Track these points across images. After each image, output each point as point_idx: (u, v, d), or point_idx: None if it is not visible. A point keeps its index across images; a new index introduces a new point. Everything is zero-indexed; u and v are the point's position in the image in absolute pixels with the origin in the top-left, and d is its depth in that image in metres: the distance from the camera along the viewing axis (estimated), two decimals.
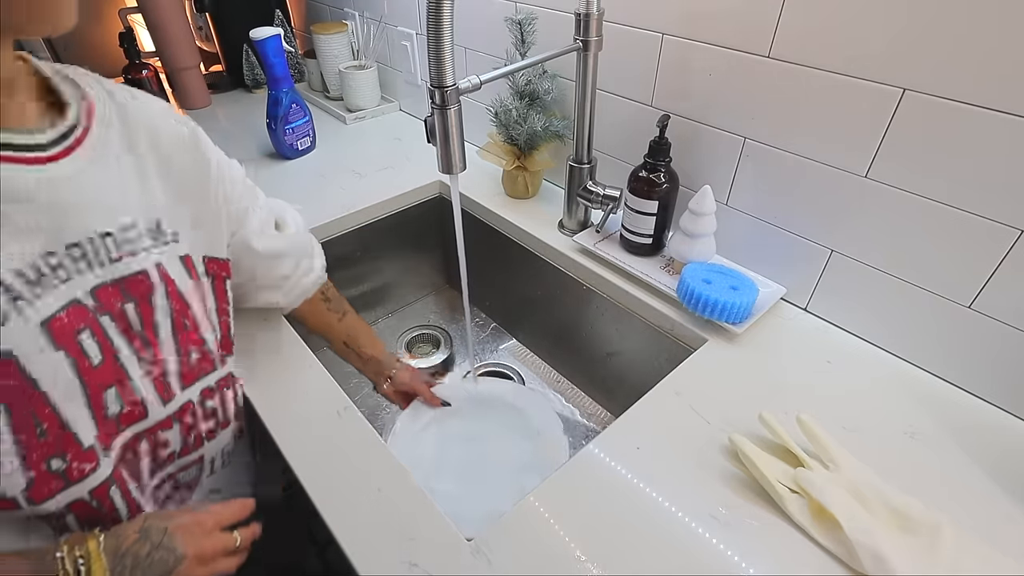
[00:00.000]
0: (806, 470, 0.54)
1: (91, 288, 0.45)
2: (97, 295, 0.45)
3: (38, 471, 0.43)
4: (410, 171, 1.11)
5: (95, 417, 0.46)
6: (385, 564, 0.49)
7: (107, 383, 0.46)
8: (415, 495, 0.55)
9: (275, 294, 0.71)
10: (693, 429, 0.61)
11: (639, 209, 0.78)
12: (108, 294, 0.46)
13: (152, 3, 1.32)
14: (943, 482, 0.56)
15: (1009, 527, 0.52)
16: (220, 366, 0.58)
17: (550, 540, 0.52)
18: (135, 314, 0.48)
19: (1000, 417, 0.62)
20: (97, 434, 0.47)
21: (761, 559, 0.50)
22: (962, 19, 0.51)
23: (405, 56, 1.27)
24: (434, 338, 1.13)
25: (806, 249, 0.72)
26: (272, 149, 1.19)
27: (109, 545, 0.45)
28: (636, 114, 0.83)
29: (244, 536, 0.54)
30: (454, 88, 0.58)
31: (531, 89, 0.91)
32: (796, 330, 0.73)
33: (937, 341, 0.65)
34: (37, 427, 0.42)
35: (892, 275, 0.65)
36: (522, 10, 0.92)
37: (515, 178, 0.99)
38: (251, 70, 1.50)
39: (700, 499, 0.54)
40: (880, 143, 0.60)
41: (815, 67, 0.62)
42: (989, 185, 0.55)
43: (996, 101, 0.52)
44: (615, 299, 0.84)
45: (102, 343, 0.46)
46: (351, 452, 0.59)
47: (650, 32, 0.76)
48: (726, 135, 0.74)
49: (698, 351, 0.71)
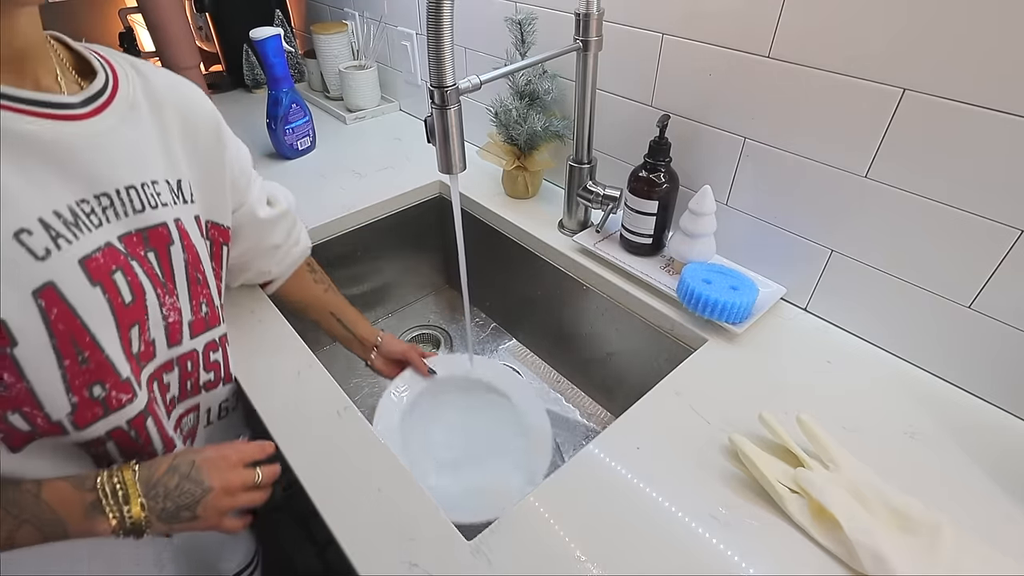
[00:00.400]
0: (806, 470, 0.54)
1: (120, 235, 0.49)
2: (124, 241, 0.49)
3: (81, 397, 0.47)
4: (410, 171, 1.11)
5: (125, 353, 0.50)
6: (385, 564, 0.49)
7: (133, 322, 0.50)
8: (415, 495, 0.55)
9: (268, 262, 0.75)
10: (693, 429, 0.61)
11: (639, 209, 0.78)
12: (133, 242, 0.50)
13: (152, 3, 1.32)
14: (943, 482, 0.56)
15: (1009, 527, 0.52)
16: (222, 322, 0.63)
17: (550, 540, 0.52)
18: (156, 262, 0.52)
19: (1000, 417, 0.62)
20: (131, 368, 0.50)
21: (761, 559, 0.50)
22: (962, 19, 0.51)
23: (405, 56, 1.27)
24: (434, 338, 1.13)
25: (806, 249, 0.72)
26: (272, 149, 1.19)
27: (143, 475, 0.49)
28: (636, 114, 0.83)
29: (265, 473, 0.56)
30: (454, 88, 0.58)
31: (531, 89, 0.91)
32: (796, 330, 0.73)
33: (937, 341, 0.65)
34: (79, 355, 0.46)
35: (892, 275, 0.65)
36: (522, 10, 0.92)
37: (515, 178, 0.99)
38: (251, 70, 1.50)
39: (700, 499, 0.54)
40: (880, 143, 0.60)
41: (815, 67, 0.62)
42: (989, 185, 0.55)
43: (996, 101, 0.52)
44: (615, 299, 0.84)
45: (133, 284, 0.49)
46: (351, 452, 0.59)
47: (650, 32, 0.76)
48: (726, 135, 0.74)
49: (698, 351, 0.71)
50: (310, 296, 0.82)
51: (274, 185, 0.76)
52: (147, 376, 0.54)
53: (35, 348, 0.43)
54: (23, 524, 0.45)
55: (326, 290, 0.83)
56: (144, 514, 0.48)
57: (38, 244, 0.42)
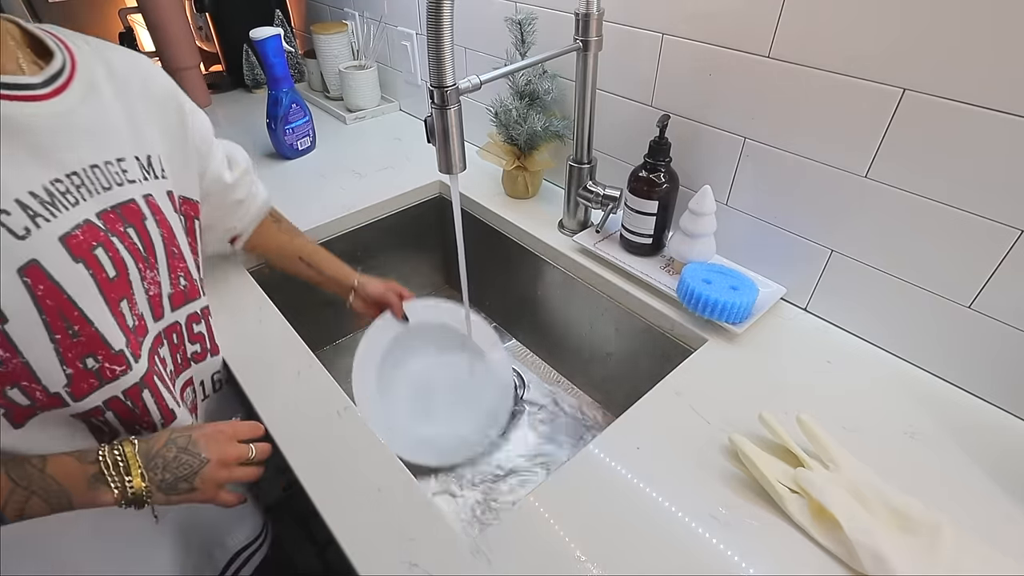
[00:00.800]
0: (806, 470, 0.54)
1: (97, 212, 0.50)
2: (103, 218, 0.50)
3: (75, 368, 0.49)
4: (410, 171, 1.11)
5: (121, 327, 0.51)
6: (385, 564, 0.49)
7: (120, 296, 0.51)
8: (415, 495, 0.55)
9: (232, 219, 0.75)
10: (693, 429, 0.61)
11: (639, 209, 0.78)
12: (111, 219, 0.51)
13: (152, 3, 1.32)
14: (943, 482, 0.56)
15: (1009, 527, 0.52)
16: (203, 295, 0.64)
17: (550, 540, 0.52)
18: (137, 237, 0.53)
19: (1000, 417, 0.62)
20: (127, 342, 0.52)
21: (761, 559, 0.50)
22: (962, 19, 0.51)
23: (405, 56, 1.27)
24: None
25: (806, 249, 0.72)
26: (272, 149, 1.19)
27: (142, 448, 0.51)
28: (636, 114, 0.83)
29: (259, 449, 0.58)
30: (454, 88, 0.58)
31: (531, 89, 0.91)
32: (796, 330, 0.73)
33: (937, 341, 0.65)
34: (69, 329, 0.47)
35: (892, 275, 0.65)
36: (522, 10, 0.92)
37: (515, 178, 0.99)
38: (251, 70, 1.50)
39: (700, 499, 0.54)
40: (880, 143, 0.60)
41: (815, 67, 0.62)
42: (989, 185, 0.55)
43: (996, 101, 0.52)
44: (615, 299, 0.84)
45: (115, 259, 0.50)
46: (351, 452, 0.59)
47: (650, 32, 0.76)
48: (726, 135, 0.74)
49: (698, 351, 0.71)
50: (276, 245, 0.82)
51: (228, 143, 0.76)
52: (147, 350, 0.55)
53: (26, 324, 0.45)
54: (32, 496, 0.47)
55: (292, 237, 0.83)
56: (144, 484, 0.50)
57: (17, 224, 0.43)
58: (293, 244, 0.83)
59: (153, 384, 0.56)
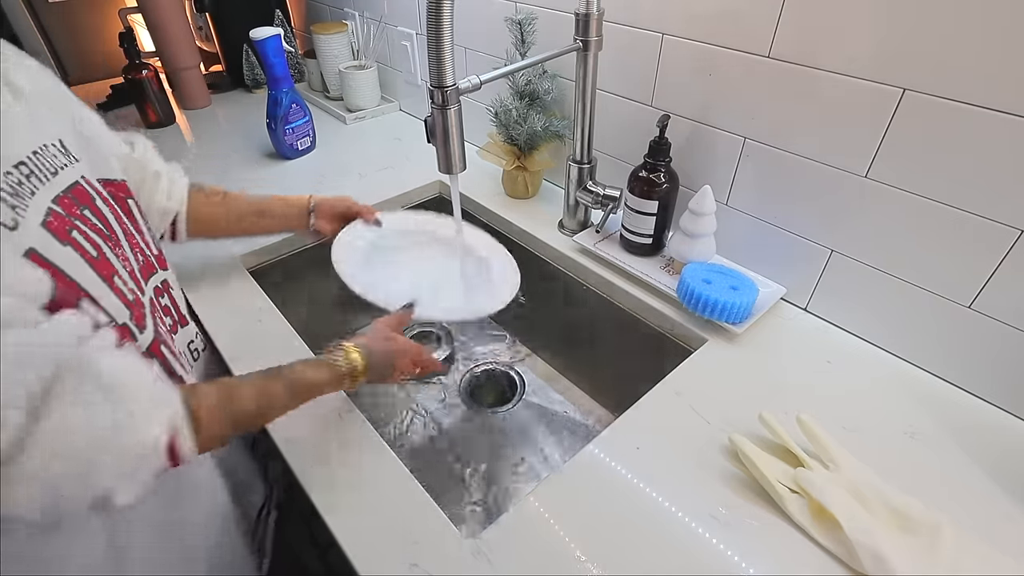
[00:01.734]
0: (806, 470, 0.54)
1: (52, 198, 0.50)
2: (60, 203, 0.50)
3: None
4: (410, 171, 1.11)
5: (122, 301, 0.52)
6: (387, 565, 0.49)
7: (110, 272, 0.52)
8: (416, 496, 0.55)
9: (161, 196, 0.73)
10: (693, 429, 0.61)
11: (639, 209, 0.78)
12: (67, 204, 0.51)
13: (152, 3, 1.32)
14: (943, 482, 0.56)
15: (1009, 527, 0.52)
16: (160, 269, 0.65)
17: (550, 540, 0.52)
18: (95, 217, 0.53)
19: (1000, 417, 0.62)
20: (131, 315, 0.53)
21: (761, 559, 0.50)
22: (962, 19, 0.51)
23: (405, 56, 1.27)
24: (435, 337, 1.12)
25: (806, 249, 0.72)
26: (272, 149, 1.19)
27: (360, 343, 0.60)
28: (636, 114, 0.83)
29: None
30: (454, 88, 0.58)
31: (531, 89, 0.91)
32: (796, 330, 0.73)
33: (937, 341, 0.65)
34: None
35: (892, 275, 0.65)
36: (522, 10, 0.92)
37: (515, 178, 0.99)
38: (251, 70, 1.50)
39: (700, 499, 0.54)
40: (880, 143, 0.60)
41: (815, 67, 0.62)
42: (989, 185, 0.55)
43: (996, 101, 0.52)
44: (615, 299, 0.84)
45: (90, 240, 0.51)
46: (351, 453, 0.59)
47: (650, 32, 0.76)
48: (726, 135, 0.74)
49: (698, 351, 0.71)
50: (213, 214, 0.79)
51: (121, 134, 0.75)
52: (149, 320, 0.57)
53: None
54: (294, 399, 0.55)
55: (223, 199, 0.80)
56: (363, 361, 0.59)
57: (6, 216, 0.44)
58: (229, 205, 0.80)
59: (160, 352, 0.57)
